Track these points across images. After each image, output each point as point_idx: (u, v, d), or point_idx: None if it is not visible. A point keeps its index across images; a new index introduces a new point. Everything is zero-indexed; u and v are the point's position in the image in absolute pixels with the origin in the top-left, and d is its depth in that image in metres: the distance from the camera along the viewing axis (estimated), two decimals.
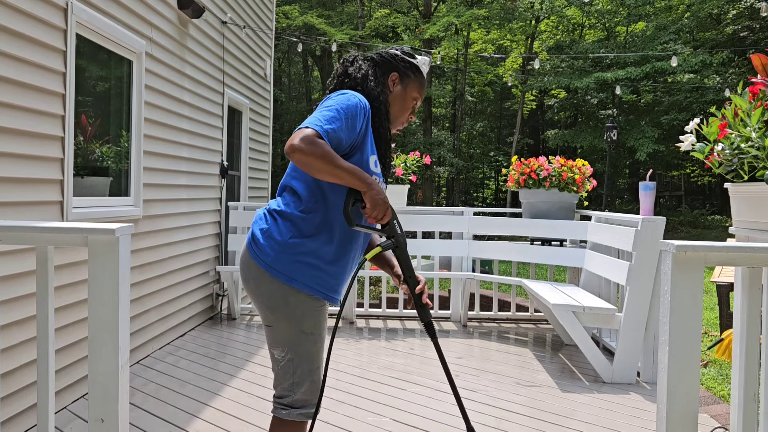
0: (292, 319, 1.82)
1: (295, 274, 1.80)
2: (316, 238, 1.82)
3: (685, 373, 1.63)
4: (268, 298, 1.82)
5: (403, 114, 2.01)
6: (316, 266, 1.82)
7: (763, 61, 2.17)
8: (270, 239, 1.82)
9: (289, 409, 1.85)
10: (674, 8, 20.10)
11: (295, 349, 1.83)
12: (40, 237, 1.66)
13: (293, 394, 1.85)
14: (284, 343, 1.84)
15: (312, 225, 1.82)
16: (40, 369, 1.67)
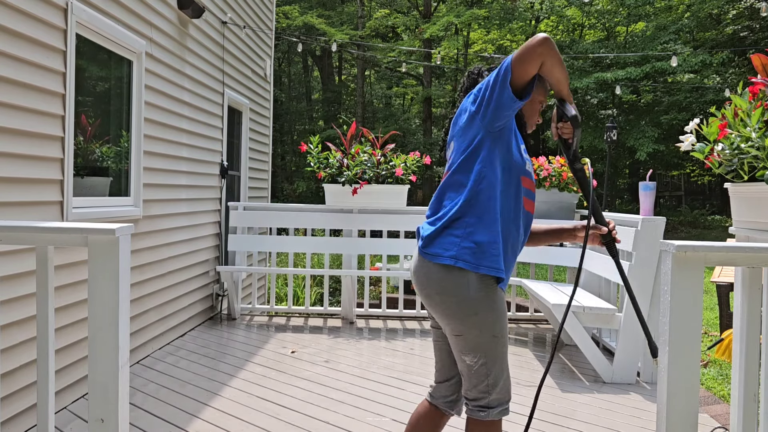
0: (483, 325, 1.86)
1: (480, 259, 1.85)
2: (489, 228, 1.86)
3: (685, 373, 1.63)
4: (458, 308, 1.85)
5: (533, 117, 2.11)
6: (494, 244, 1.86)
7: (763, 61, 2.17)
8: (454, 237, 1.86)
9: (488, 410, 1.92)
10: (674, 8, 20.10)
11: (487, 353, 1.88)
12: (40, 237, 1.66)
13: (489, 395, 1.91)
14: (476, 349, 1.88)
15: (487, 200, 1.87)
16: (40, 369, 1.67)
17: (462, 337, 1.88)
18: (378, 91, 28.55)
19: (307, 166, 5.54)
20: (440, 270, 1.85)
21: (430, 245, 1.88)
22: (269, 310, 5.79)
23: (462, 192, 1.88)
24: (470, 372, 1.91)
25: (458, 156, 1.92)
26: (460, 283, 1.83)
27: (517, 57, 1.75)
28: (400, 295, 5.77)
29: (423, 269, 1.89)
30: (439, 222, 1.90)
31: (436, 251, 1.87)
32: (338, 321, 5.55)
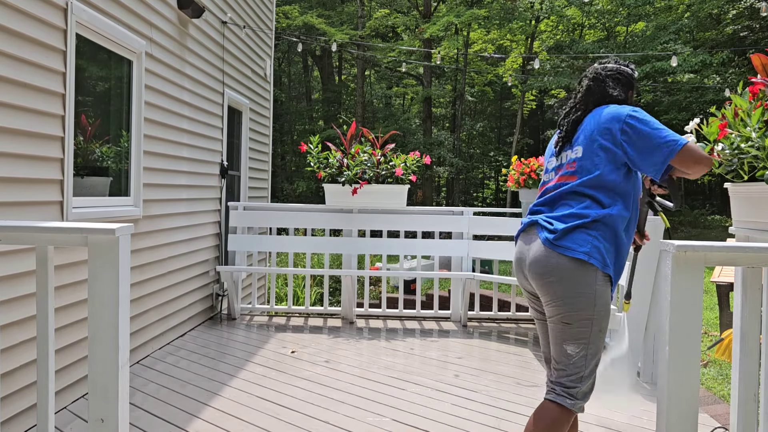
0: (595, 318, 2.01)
1: (608, 261, 2.04)
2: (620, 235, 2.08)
3: (685, 373, 1.63)
4: (578, 298, 2.00)
5: None
6: (619, 252, 2.08)
7: (763, 61, 2.17)
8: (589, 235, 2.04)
9: (575, 400, 2.03)
10: (674, 8, 20.10)
11: (589, 345, 2.02)
12: (40, 237, 1.66)
13: (581, 385, 2.03)
14: (581, 340, 2.02)
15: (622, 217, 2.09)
16: (40, 369, 1.67)
17: (571, 326, 2.01)
18: (378, 91, 28.55)
19: (307, 166, 5.54)
20: (570, 261, 2.00)
21: (562, 238, 2.02)
22: (269, 310, 5.79)
23: (599, 201, 2.06)
24: (569, 361, 2.03)
25: (594, 168, 2.08)
26: (588, 276, 1.99)
27: (690, 160, 1.96)
28: (400, 295, 5.77)
29: (551, 258, 2.02)
30: (574, 220, 2.04)
31: (568, 245, 2.01)
32: (338, 321, 5.55)
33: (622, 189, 2.06)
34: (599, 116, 2.12)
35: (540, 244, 2.06)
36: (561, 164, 2.20)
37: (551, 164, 2.27)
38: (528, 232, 2.16)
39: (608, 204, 2.03)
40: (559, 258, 2.00)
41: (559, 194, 2.11)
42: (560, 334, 2.03)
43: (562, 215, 2.06)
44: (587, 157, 2.09)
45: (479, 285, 5.67)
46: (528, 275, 2.11)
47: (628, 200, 2.08)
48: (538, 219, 2.12)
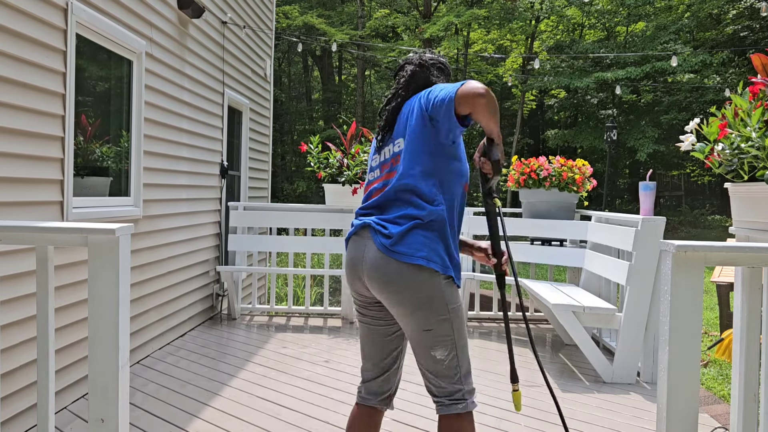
0: (453, 318, 1.92)
1: (447, 263, 1.92)
2: (445, 229, 1.93)
3: (685, 373, 1.63)
4: (429, 304, 1.88)
5: None
6: (450, 253, 1.95)
7: (763, 61, 2.17)
8: (417, 236, 1.90)
9: (464, 402, 1.93)
10: (674, 8, 20.10)
11: (456, 345, 1.93)
12: (40, 237, 1.66)
13: (464, 384, 1.95)
14: (446, 342, 1.92)
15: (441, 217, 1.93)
16: (40, 369, 1.67)
17: (432, 332, 1.90)
18: (378, 91, 28.55)
19: (307, 166, 5.54)
20: (410, 268, 1.87)
21: (398, 244, 1.89)
22: (269, 310, 5.79)
23: (428, 197, 1.91)
24: (441, 366, 1.92)
25: (416, 160, 1.93)
26: (431, 279, 1.88)
27: (456, 97, 1.81)
28: None
29: (391, 266, 1.89)
30: (407, 222, 1.91)
31: (405, 250, 1.88)
32: (338, 321, 5.55)
33: (444, 176, 1.94)
34: (414, 100, 2.00)
35: (376, 250, 1.92)
36: (385, 160, 2.05)
37: (375, 161, 2.12)
38: (360, 235, 1.99)
39: (434, 198, 1.91)
40: (399, 265, 1.88)
41: (387, 193, 1.97)
42: (425, 342, 1.92)
43: (396, 217, 1.92)
44: (410, 146, 1.95)
45: (479, 285, 5.67)
46: (367, 283, 1.96)
47: (451, 188, 1.95)
48: (370, 222, 1.97)
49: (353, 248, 2.02)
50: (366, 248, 1.96)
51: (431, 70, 2.11)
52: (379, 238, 1.92)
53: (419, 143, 1.93)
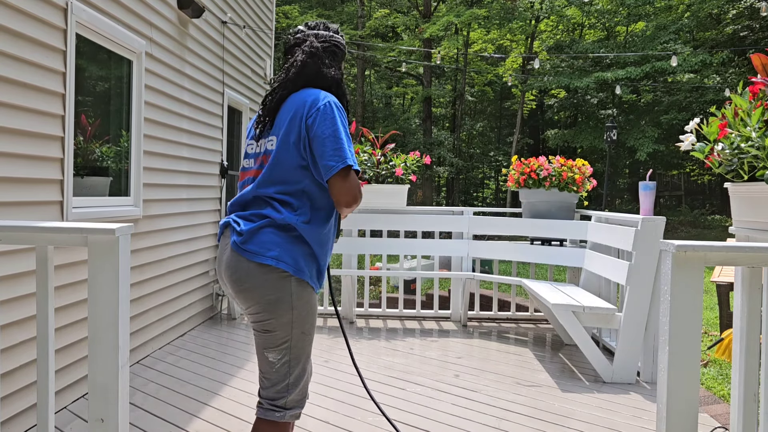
0: (295, 322, 1.87)
1: (301, 265, 1.86)
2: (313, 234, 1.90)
3: (685, 373, 1.63)
4: (278, 301, 1.84)
5: None
6: (315, 258, 1.92)
7: (763, 61, 2.17)
8: (274, 236, 1.85)
9: (283, 411, 1.89)
10: (674, 8, 20.10)
11: (292, 351, 1.88)
12: (40, 237, 1.66)
13: (287, 395, 1.89)
14: (282, 347, 1.88)
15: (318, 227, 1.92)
16: (40, 369, 1.67)
17: (271, 333, 1.87)
18: (378, 91, 28.55)
19: None
20: (258, 267, 1.82)
21: (249, 242, 1.84)
22: None
23: (292, 199, 1.87)
24: (271, 369, 1.89)
25: (285, 163, 1.88)
26: (281, 281, 1.83)
27: (348, 184, 1.82)
28: (400, 294, 5.77)
29: (241, 264, 1.84)
30: (259, 220, 1.86)
31: (254, 249, 1.83)
32: (338, 321, 5.54)
33: (310, 188, 1.88)
34: (299, 103, 1.91)
35: (230, 248, 1.86)
36: (258, 153, 1.98)
37: (251, 148, 2.02)
38: (225, 235, 1.94)
39: (299, 208, 1.86)
40: (248, 264, 1.82)
41: (251, 190, 1.91)
42: (263, 342, 1.88)
43: (251, 215, 1.87)
44: (280, 151, 1.88)
45: (479, 285, 5.67)
46: (224, 284, 1.93)
47: (320, 201, 1.90)
48: (230, 220, 1.93)
49: (219, 250, 1.97)
50: (226, 247, 1.91)
51: (323, 58, 2.01)
52: (234, 236, 1.87)
53: (289, 155, 1.88)
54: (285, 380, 1.88)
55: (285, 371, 1.88)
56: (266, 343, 1.88)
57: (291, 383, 1.88)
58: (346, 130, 1.88)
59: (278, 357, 1.87)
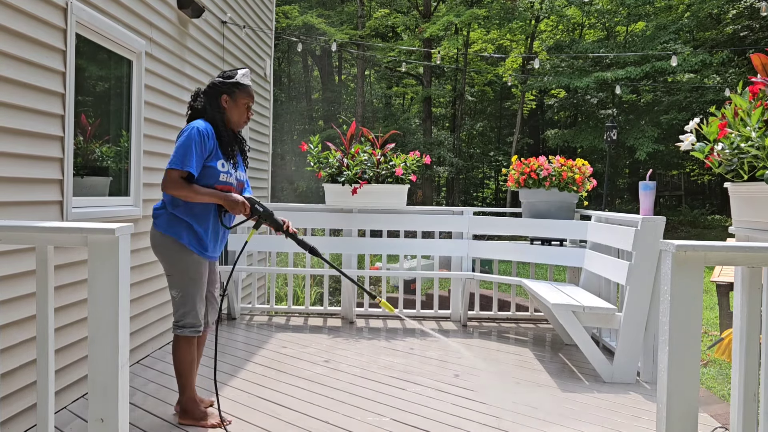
0: (183, 269, 2.84)
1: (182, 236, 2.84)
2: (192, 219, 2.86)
3: (685, 373, 1.63)
4: (169, 256, 2.85)
5: (242, 117, 2.93)
6: (194, 231, 2.85)
7: (763, 60, 2.17)
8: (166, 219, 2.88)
9: (183, 329, 2.88)
10: (674, 8, 20.10)
11: (180, 290, 2.86)
12: (40, 237, 1.66)
13: (185, 318, 2.88)
14: (175, 287, 2.86)
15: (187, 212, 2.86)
16: (40, 369, 1.67)
17: (170, 277, 2.87)
18: (378, 90, 28.56)
19: (307, 166, 5.54)
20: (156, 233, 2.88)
21: (156, 219, 2.89)
22: (269, 309, 5.79)
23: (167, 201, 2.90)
24: (174, 302, 2.88)
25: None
26: (165, 243, 2.84)
27: (166, 178, 2.75)
28: (400, 294, 5.77)
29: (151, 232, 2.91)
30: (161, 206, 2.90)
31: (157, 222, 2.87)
32: (338, 321, 5.55)
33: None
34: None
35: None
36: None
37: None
38: None
39: (168, 201, 2.85)
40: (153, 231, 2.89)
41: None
42: (168, 282, 2.88)
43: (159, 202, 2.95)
44: None
45: (479, 285, 5.67)
46: None
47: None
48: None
49: None
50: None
51: (199, 98, 2.95)
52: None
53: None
54: (180, 309, 2.88)
55: (181, 302, 2.86)
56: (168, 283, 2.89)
57: (186, 311, 2.87)
58: (185, 146, 2.73)
59: (175, 294, 2.87)
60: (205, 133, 2.76)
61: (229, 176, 2.87)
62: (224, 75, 2.90)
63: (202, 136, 2.74)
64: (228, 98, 2.87)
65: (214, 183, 2.81)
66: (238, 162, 2.96)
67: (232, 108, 2.88)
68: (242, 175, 3.00)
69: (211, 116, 2.84)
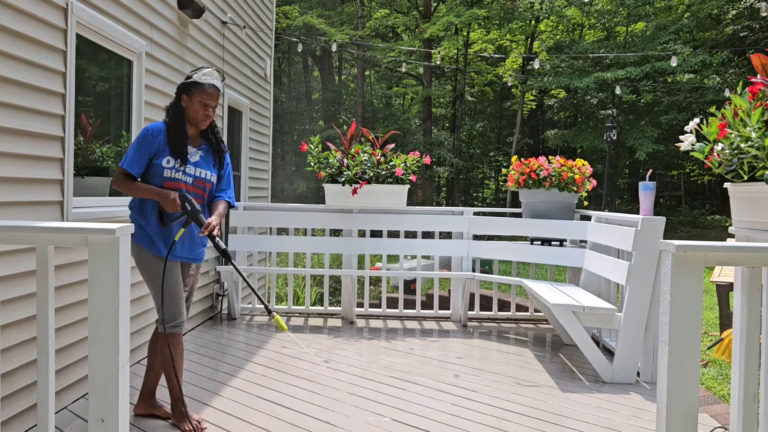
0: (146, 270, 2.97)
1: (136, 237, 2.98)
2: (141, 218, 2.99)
3: (685, 373, 1.63)
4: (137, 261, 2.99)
5: (198, 114, 2.96)
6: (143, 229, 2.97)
7: (763, 61, 2.17)
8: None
9: (162, 325, 2.95)
10: (674, 8, 20.10)
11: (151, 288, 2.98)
12: (40, 237, 1.66)
13: (161, 314, 2.94)
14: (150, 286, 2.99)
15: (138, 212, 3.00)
16: (40, 369, 1.67)
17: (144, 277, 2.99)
18: (378, 91, 28.55)
19: (307, 166, 5.54)
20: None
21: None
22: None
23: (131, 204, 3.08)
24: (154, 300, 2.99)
25: None
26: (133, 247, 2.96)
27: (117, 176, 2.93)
28: (400, 295, 5.77)
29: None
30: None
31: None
32: (338, 321, 5.55)
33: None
34: None
35: None
36: None
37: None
38: None
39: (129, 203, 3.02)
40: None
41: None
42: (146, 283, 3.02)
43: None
44: None
45: (479, 285, 5.67)
46: None
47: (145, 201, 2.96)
48: None
49: None
50: None
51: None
52: None
53: None
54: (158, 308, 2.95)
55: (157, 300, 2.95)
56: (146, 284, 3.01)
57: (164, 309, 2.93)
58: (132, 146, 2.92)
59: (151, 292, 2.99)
60: (152, 133, 2.89)
61: (175, 172, 2.92)
62: (187, 75, 3.00)
63: (148, 135, 2.88)
64: (186, 97, 2.95)
65: (160, 181, 2.89)
66: (199, 160, 3.00)
67: (189, 106, 2.95)
68: (206, 173, 3.01)
69: (171, 116, 2.96)
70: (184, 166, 2.94)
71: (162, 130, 2.93)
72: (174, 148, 2.92)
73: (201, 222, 2.86)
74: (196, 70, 3.01)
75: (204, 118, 2.97)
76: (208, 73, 2.98)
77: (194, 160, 2.98)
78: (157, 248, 2.95)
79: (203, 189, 3.03)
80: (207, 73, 2.97)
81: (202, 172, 3.01)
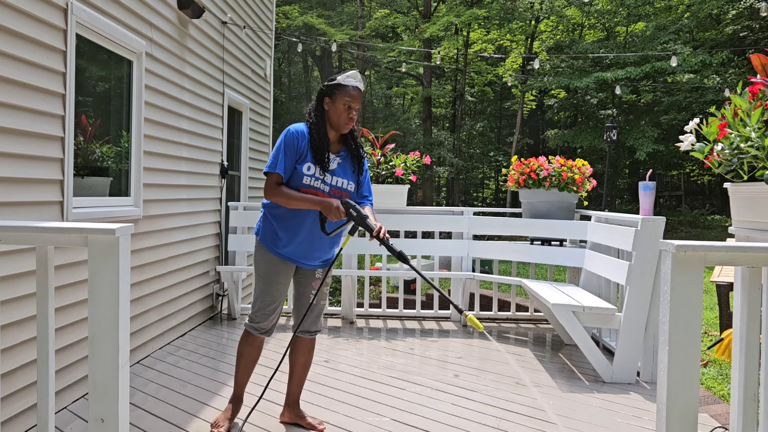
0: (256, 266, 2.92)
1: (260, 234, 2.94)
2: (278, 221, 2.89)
3: (685, 373, 1.63)
4: (253, 251, 2.98)
5: (342, 117, 2.82)
6: (273, 229, 2.88)
7: (763, 61, 2.17)
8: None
9: (249, 322, 2.95)
10: (674, 8, 20.10)
11: (255, 287, 2.93)
12: (40, 237, 1.66)
13: (252, 312, 2.94)
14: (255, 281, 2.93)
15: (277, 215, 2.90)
16: (40, 369, 1.67)
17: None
18: (378, 91, 28.55)
19: None
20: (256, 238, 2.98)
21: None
22: None
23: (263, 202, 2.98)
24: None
25: None
26: (256, 245, 2.94)
27: (266, 184, 2.80)
28: (400, 295, 5.77)
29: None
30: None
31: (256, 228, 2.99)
32: (338, 321, 5.55)
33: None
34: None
35: None
36: None
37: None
38: None
39: (265, 203, 2.92)
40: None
41: None
42: None
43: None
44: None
45: (479, 285, 5.67)
46: None
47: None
48: None
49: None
50: None
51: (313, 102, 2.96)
52: None
53: None
54: (253, 306, 2.94)
55: (255, 299, 2.93)
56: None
57: (256, 307, 2.93)
58: (276, 148, 2.80)
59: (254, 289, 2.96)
60: (297, 136, 2.76)
61: (314, 180, 2.78)
62: (329, 78, 2.88)
63: (293, 137, 2.76)
64: (329, 100, 2.82)
65: (297, 185, 2.77)
66: (336, 168, 2.85)
67: (332, 109, 2.82)
68: (342, 182, 2.86)
69: (313, 119, 2.83)
70: (324, 175, 2.80)
71: (305, 133, 2.79)
72: (316, 153, 2.78)
73: (370, 227, 2.71)
74: (340, 72, 2.89)
75: (347, 122, 2.83)
76: (352, 75, 2.86)
77: (332, 168, 2.84)
78: (278, 249, 2.85)
79: (338, 198, 2.90)
80: (351, 75, 2.85)
81: (339, 180, 2.86)
